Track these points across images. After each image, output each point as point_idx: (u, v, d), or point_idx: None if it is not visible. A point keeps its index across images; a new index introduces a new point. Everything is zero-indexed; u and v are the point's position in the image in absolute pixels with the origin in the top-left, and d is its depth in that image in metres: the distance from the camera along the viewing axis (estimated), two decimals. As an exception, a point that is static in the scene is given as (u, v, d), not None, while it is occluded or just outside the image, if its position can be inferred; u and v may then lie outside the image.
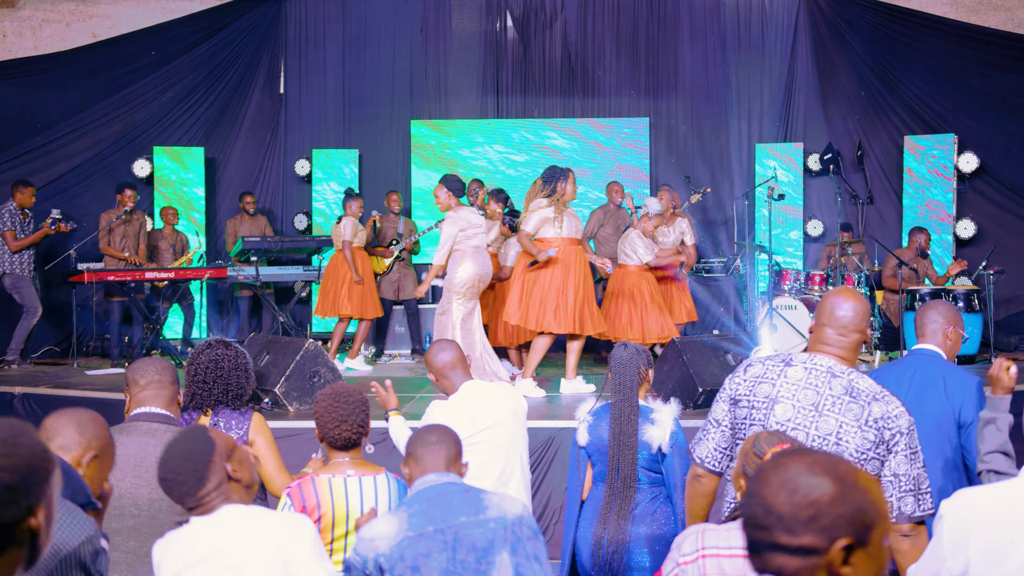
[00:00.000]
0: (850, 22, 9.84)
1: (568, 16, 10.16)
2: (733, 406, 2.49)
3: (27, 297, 8.00)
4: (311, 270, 8.76)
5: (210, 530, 2.15)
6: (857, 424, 2.34)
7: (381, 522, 2.36)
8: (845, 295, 2.54)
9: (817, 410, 2.37)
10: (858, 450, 2.34)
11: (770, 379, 2.44)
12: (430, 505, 2.35)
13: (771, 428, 2.39)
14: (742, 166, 10.13)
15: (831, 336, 2.49)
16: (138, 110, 9.87)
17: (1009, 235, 9.26)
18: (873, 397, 2.38)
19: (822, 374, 2.42)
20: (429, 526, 2.31)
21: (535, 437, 5.36)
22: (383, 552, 2.29)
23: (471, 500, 2.38)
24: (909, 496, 2.38)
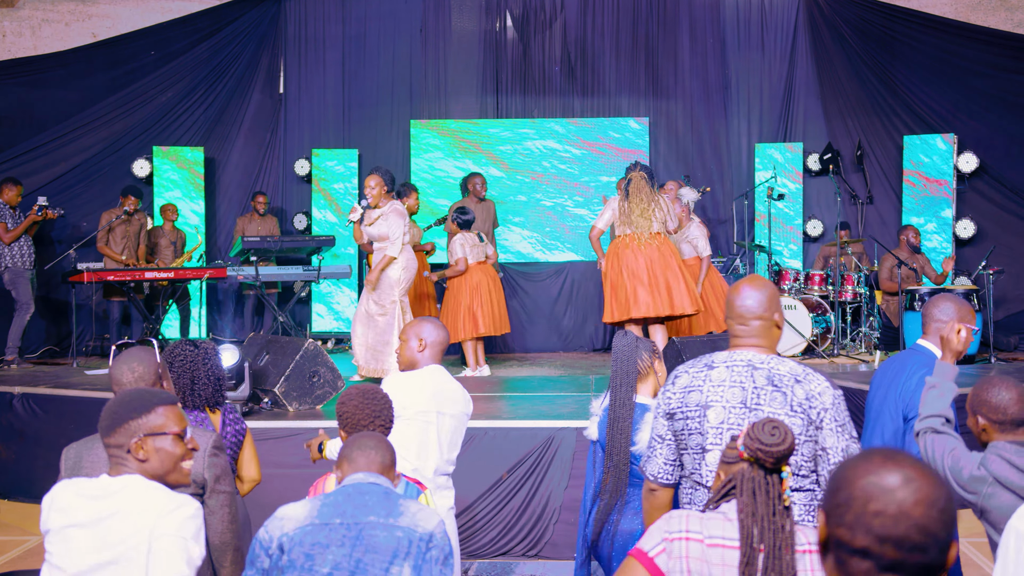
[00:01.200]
0: (850, 22, 9.84)
1: (568, 16, 10.16)
2: (670, 420, 2.48)
3: (22, 293, 8.04)
4: (311, 270, 8.77)
5: (104, 497, 2.13)
6: (784, 411, 2.34)
7: (295, 505, 2.35)
8: (745, 283, 2.52)
9: (747, 406, 2.36)
10: (793, 436, 2.35)
11: (697, 386, 2.43)
12: (345, 500, 2.32)
13: (705, 433, 2.39)
14: (742, 166, 10.13)
15: (737, 328, 2.49)
16: (138, 110, 9.87)
17: (1009, 235, 9.26)
18: (795, 379, 2.38)
19: (743, 369, 2.41)
20: (336, 518, 2.28)
21: (534, 437, 5.37)
22: (287, 532, 2.27)
23: (386, 503, 2.32)
24: None
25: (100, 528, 2.10)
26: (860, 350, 8.52)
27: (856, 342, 8.70)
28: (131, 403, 2.21)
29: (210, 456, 2.72)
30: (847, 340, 8.62)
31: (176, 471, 2.23)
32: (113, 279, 8.10)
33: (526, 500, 5.30)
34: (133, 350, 2.88)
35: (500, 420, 5.61)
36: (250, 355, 5.93)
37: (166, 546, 2.07)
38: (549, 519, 5.29)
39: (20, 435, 6.36)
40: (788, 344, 8.12)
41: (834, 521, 1.34)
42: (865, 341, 8.62)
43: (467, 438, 5.32)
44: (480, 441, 5.37)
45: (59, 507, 2.15)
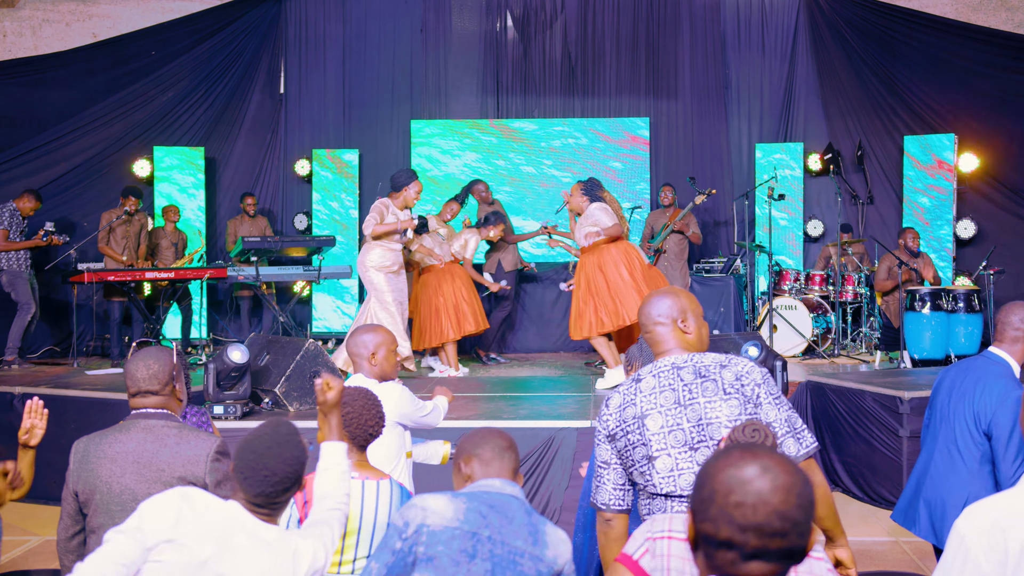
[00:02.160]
0: (850, 22, 9.84)
1: (568, 16, 10.16)
2: (612, 442, 2.48)
3: (21, 294, 8.05)
4: (311, 270, 8.77)
5: (217, 525, 2.16)
6: (719, 396, 2.36)
7: (438, 499, 2.30)
8: (656, 293, 2.57)
9: (680, 404, 2.38)
10: (729, 419, 2.34)
11: (630, 401, 2.44)
12: (490, 510, 2.29)
13: (649, 442, 2.38)
14: (742, 166, 10.13)
15: (658, 334, 2.51)
16: (138, 110, 9.87)
17: (1009, 235, 9.26)
18: (720, 365, 2.40)
19: (668, 372, 2.43)
20: (485, 530, 2.25)
21: (534, 437, 5.37)
22: (431, 526, 2.23)
23: (533, 528, 2.31)
24: (788, 438, 2.39)
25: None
26: (860, 350, 8.52)
27: (857, 342, 8.70)
28: (300, 454, 2.27)
29: (212, 461, 2.70)
30: (848, 340, 8.62)
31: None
32: (114, 279, 8.10)
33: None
34: (150, 349, 2.89)
35: (500, 420, 5.61)
36: (251, 355, 5.93)
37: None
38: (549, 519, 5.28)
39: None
40: (789, 344, 8.12)
41: (699, 516, 1.39)
42: (866, 341, 8.62)
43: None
44: (480, 441, 5.37)
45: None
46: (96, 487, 2.70)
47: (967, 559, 1.79)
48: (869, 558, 4.81)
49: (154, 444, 2.68)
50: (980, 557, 1.77)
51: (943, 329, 7.60)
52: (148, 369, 2.79)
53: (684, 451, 2.36)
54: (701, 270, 9.21)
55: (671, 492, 2.36)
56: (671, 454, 2.36)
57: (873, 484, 5.84)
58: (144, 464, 2.66)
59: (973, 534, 1.79)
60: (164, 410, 2.78)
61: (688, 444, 2.36)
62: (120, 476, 2.66)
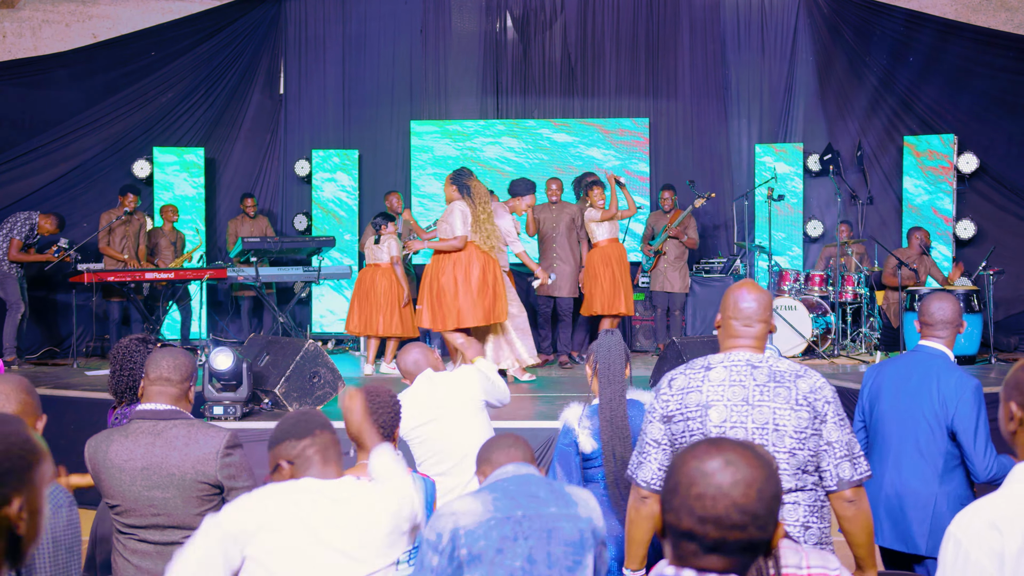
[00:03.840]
0: (850, 22, 9.84)
1: (568, 16, 10.15)
2: (667, 423, 2.47)
3: (11, 293, 8.10)
4: (311, 270, 8.77)
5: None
6: (789, 406, 2.36)
7: (465, 499, 2.31)
8: (747, 288, 2.55)
9: (749, 403, 2.38)
10: (796, 430, 2.35)
11: (696, 387, 2.44)
12: (516, 492, 2.30)
13: (708, 433, 2.39)
14: (742, 166, 10.13)
15: (739, 329, 2.50)
16: (138, 110, 9.87)
17: (1009, 235, 9.26)
18: (796, 375, 2.41)
19: (743, 368, 2.43)
20: (517, 511, 2.26)
21: (534, 437, 5.37)
22: (466, 527, 2.22)
23: (558, 494, 2.34)
24: (845, 462, 2.40)
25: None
26: (860, 351, 8.52)
27: (856, 343, 8.70)
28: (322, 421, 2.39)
29: (223, 456, 2.68)
30: (847, 341, 8.62)
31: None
32: (113, 280, 8.10)
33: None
34: (176, 348, 2.92)
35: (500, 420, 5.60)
36: (250, 356, 5.93)
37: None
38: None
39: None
40: (788, 344, 8.12)
41: (665, 507, 1.41)
42: (865, 342, 8.62)
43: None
44: (480, 442, 5.37)
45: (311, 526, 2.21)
46: (112, 495, 2.72)
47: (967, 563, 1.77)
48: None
49: (163, 448, 2.66)
50: (982, 559, 1.76)
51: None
52: (174, 359, 2.80)
53: None
54: (701, 271, 9.21)
55: None
56: None
57: (873, 484, 5.83)
58: (153, 470, 2.65)
59: (970, 538, 1.78)
60: (174, 407, 2.76)
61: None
62: (131, 485, 2.66)
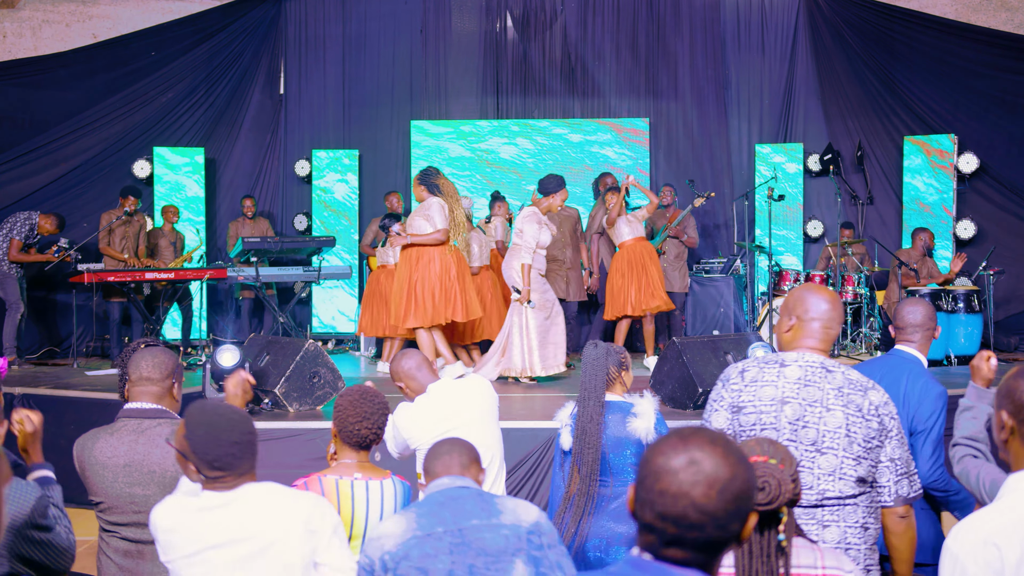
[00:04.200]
0: (850, 22, 9.84)
1: (568, 16, 10.15)
2: (736, 413, 2.48)
3: (10, 293, 8.11)
4: (311, 271, 8.77)
5: (231, 509, 2.19)
6: (861, 415, 2.39)
7: (388, 522, 2.34)
8: (821, 291, 2.56)
9: (823, 406, 2.40)
10: (865, 439, 2.38)
11: (770, 381, 2.44)
12: (440, 507, 2.32)
13: (781, 429, 2.40)
14: (742, 166, 10.13)
15: (816, 331, 2.51)
16: (138, 110, 9.87)
17: (1009, 235, 9.26)
18: (866, 387, 2.43)
19: (817, 370, 2.44)
20: (438, 527, 2.28)
21: (534, 438, 5.37)
22: (389, 550, 2.26)
23: (484, 504, 2.35)
24: (904, 479, 2.44)
25: (239, 541, 2.20)
26: (860, 351, 8.52)
27: (856, 343, 8.70)
28: (246, 432, 2.29)
29: None
30: (847, 341, 8.61)
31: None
32: (113, 280, 8.11)
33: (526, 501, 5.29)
34: (157, 347, 2.92)
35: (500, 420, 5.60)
36: (250, 356, 5.93)
37: (336, 543, 2.29)
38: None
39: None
40: (788, 344, 8.11)
41: (635, 495, 1.44)
42: (865, 342, 8.62)
43: (467, 439, 5.34)
44: (480, 442, 5.37)
45: (185, 534, 2.22)
46: (96, 492, 2.73)
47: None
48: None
49: (145, 446, 2.68)
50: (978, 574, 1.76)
51: (943, 329, 7.57)
52: (154, 358, 2.81)
53: (810, 450, 2.39)
54: (701, 270, 9.21)
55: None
56: (798, 448, 2.39)
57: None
58: (134, 467, 2.67)
59: (966, 552, 1.79)
60: (159, 406, 2.78)
61: (816, 446, 2.38)
62: (113, 482, 2.68)
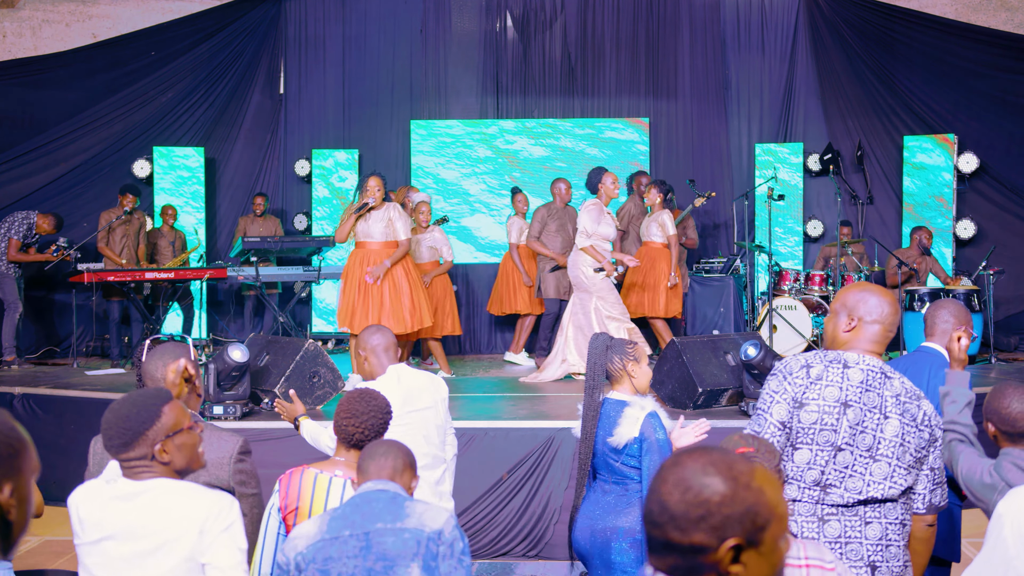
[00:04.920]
0: (850, 22, 9.84)
1: (568, 16, 10.15)
2: (798, 409, 2.43)
3: (8, 293, 8.12)
4: (311, 270, 8.77)
5: (132, 503, 2.14)
6: (915, 424, 2.39)
7: (306, 523, 2.37)
8: (884, 294, 2.54)
9: (882, 412, 2.39)
10: (917, 449, 2.39)
11: (835, 382, 2.41)
12: (353, 510, 2.34)
13: (840, 431, 2.39)
14: (742, 166, 10.13)
15: (877, 334, 2.49)
16: (138, 110, 9.87)
17: (1009, 235, 9.26)
18: (919, 396, 2.44)
19: (877, 376, 2.43)
20: (345, 530, 2.30)
21: (534, 437, 5.37)
22: (300, 551, 2.30)
23: (393, 507, 2.34)
24: (938, 489, 2.47)
25: (137, 537, 2.13)
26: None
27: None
28: (138, 414, 2.17)
29: (236, 462, 2.70)
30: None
31: (197, 459, 2.25)
32: (113, 279, 8.11)
33: (526, 501, 5.30)
34: (167, 345, 2.84)
35: (500, 420, 5.62)
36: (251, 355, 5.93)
37: (222, 542, 2.13)
38: (549, 520, 5.29)
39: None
40: (788, 344, 8.12)
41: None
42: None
43: (467, 438, 5.35)
44: (480, 441, 5.37)
45: (93, 521, 2.16)
46: None
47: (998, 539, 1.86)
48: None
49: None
50: (1009, 538, 1.82)
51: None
52: (166, 367, 2.76)
53: (864, 456, 2.38)
54: (701, 270, 9.20)
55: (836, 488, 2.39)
56: (854, 453, 2.38)
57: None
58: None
59: (1009, 515, 1.86)
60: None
61: (871, 452, 2.38)
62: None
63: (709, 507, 1.33)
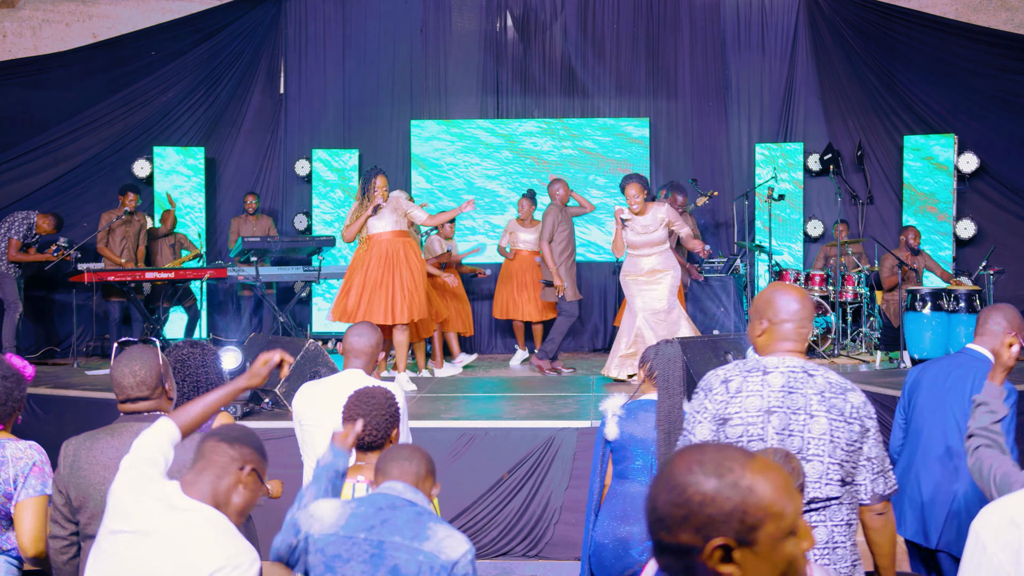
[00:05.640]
0: (850, 22, 9.84)
1: (568, 16, 10.15)
2: (722, 425, 2.42)
3: (8, 293, 8.13)
4: (311, 270, 8.77)
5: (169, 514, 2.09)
6: (843, 418, 2.37)
7: (328, 506, 2.32)
8: (789, 290, 2.51)
9: (807, 413, 2.37)
10: (847, 443, 2.37)
11: (755, 392, 2.40)
12: (375, 512, 2.28)
13: (768, 439, 2.37)
14: (742, 166, 10.13)
15: (791, 332, 2.46)
16: (138, 110, 9.87)
17: (1009, 235, 9.26)
18: (846, 388, 2.42)
19: (800, 375, 2.41)
20: (361, 532, 2.24)
21: (535, 437, 5.37)
22: (314, 534, 2.27)
23: (416, 524, 2.26)
24: (880, 477, 2.45)
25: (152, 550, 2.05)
26: (860, 350, 8.52)
27: (856, 342, 8.70)
28: (256, 441, 2.27)
29: None
30: (847, 340, 8.61)
31: (245, 513, 2.22)
32: (113, 279, 8.11)
33: (527, 501, 5.30)
34: (134, 350, 2.78)
35: (500, 420, 5.61)
36: (251, 356, 5.93)
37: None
38: (550, 520, 5.29)
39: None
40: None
41: None
42: (865, 341, 8.62)
43: (467, 438, 5.36)
44: (480, 441, 5.37)
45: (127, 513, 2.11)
46: (89, 495, 2.61)
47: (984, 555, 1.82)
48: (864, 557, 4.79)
49: None
50: (997, 553, 1.81)
51: (943, 329, 7.59)
52: (135, 376, 2.70)
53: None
54: (701, 270, 9.20)
55: None
56: None
57: (873, 484, 5.83)
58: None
59: (988, 531, 1.83)
60: (157, 412, 2.71)
61: (802, 454, 2.36)
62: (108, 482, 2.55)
63: (691, 507, 1.31)
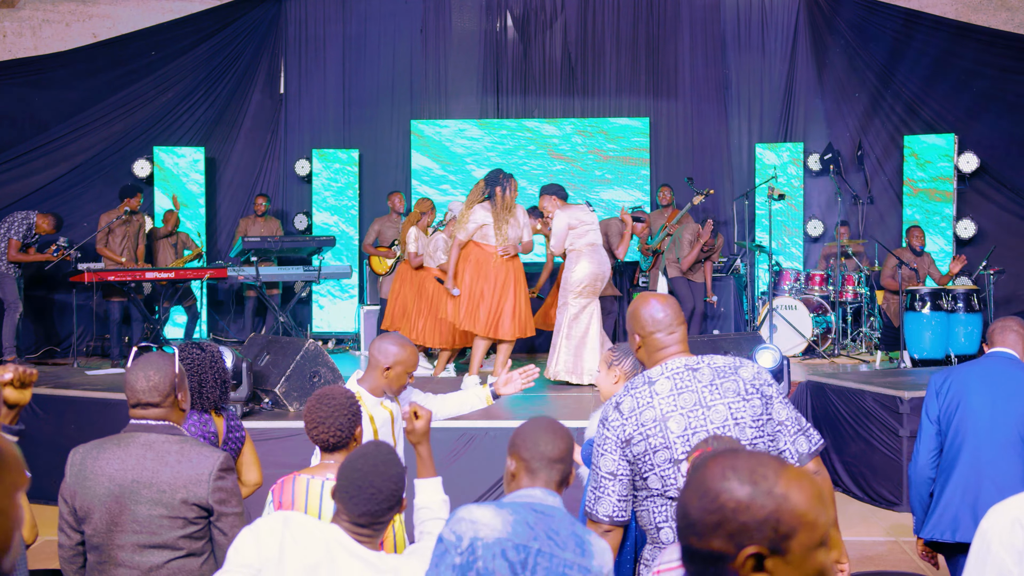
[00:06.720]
0: (850, 22, 9.84)
1: (568, 16, 10.16)
2: (626, 447, 2.42)
3: (8, 293, 8.13)
4: (311, 270, 8.77)
5: (367, 569, 2.19)
6: (740, 397, 2.36)
7: (484, 510, 2.25)
8: (654, 299, 2.53)
9: (703, 405, 2.37)
10: (753, 419, 2.36)
11: (647, 404, 2.40)
12: (537, 521, 2.23)
13: (672, 445, 2.35)
14: (742, 166, 10.13)
15: (664, 339, 2.47)
16: (138, 110, 9.87)
17: (1009, 235, 9.26)
18: (734, 366, 2.41)
19: (684, 373, 2.41)
20: (534, 542, 2.19)
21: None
22: (483, 538, 2.17)
23: (578, 539, 2.24)
24: (800, 436, 2.43)
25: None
26: (861, 350, 8.52)
27: (857, 342, 8.70)
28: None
29: (216, 480, 2.57)
30: (848, 340, 8.62)
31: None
32: (114, 279, 8.11)
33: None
34: (152, 356, 2.75)
35: (500, 420, 5.61)
36: (251, 355, 5.93)
37: None
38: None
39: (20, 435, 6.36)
40: (789, 344, 8.12)
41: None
42: (866, 341, 8.62)
43: (467, 438, 5.36)
44: (480, 441, 5.37)
45: (301, 559, 2.14)
46: (94, 505, 2.58)
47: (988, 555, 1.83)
48: (868, 558, 4.80)
49: (154, 462, 2.55)
50: (1001, 553, 1.81)
51: (943, 329, 7.59)
52: (148, 380, 2.65)
53: None
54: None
55: None
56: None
57: (873, 484, 5.84)
58: (143, 484, 2.53)
59: (994, 532, 1.83)
60: (166, 422, 2.65)
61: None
62: (118, 497, 2.55)
63: (724, 513, 1.29)
